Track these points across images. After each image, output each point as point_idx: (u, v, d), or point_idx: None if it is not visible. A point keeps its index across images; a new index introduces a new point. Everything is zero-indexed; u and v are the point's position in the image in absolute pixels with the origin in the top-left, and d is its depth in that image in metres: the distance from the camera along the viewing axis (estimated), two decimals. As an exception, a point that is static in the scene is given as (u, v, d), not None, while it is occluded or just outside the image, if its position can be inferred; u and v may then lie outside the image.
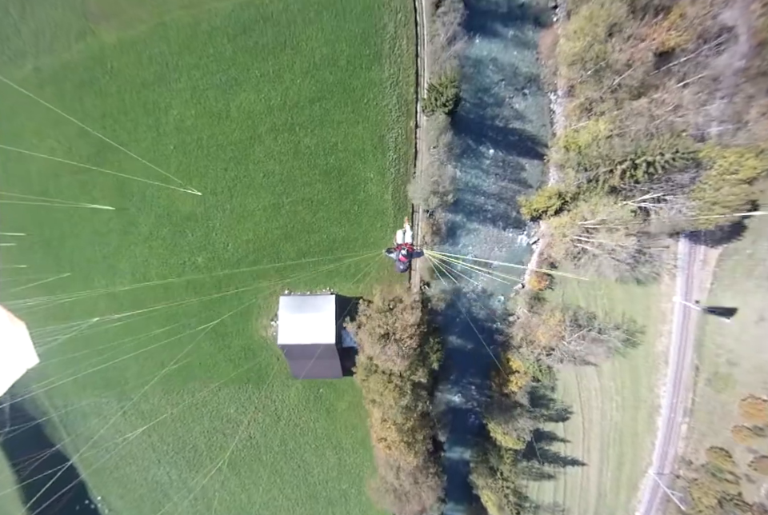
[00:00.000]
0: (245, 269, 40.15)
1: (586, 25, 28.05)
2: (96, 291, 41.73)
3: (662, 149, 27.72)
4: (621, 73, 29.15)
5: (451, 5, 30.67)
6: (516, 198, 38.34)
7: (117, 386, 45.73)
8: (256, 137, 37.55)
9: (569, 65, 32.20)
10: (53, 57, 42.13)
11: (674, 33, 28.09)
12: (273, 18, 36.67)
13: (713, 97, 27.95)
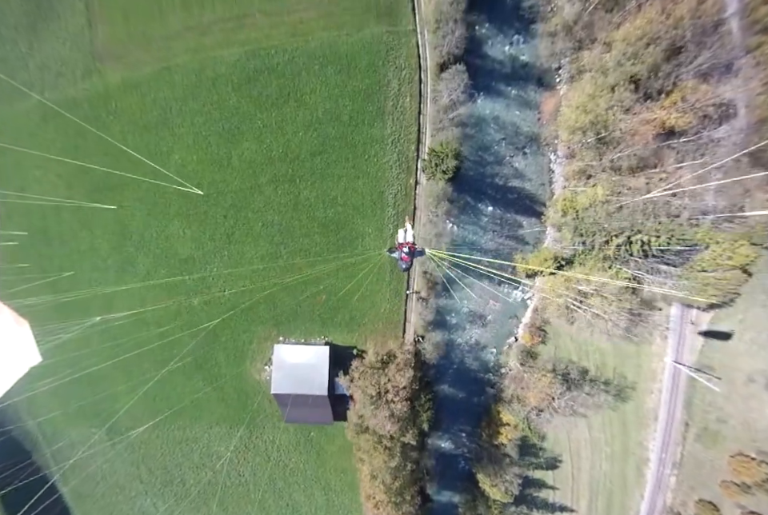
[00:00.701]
0: (240, 315, 40.56)
1: (588, 102, 28.36)
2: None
3: (657, 231, 28.08)
4: (620, 149, 29.49)
5: (456, 73, 30.91)
6: (512, 255, 38.77)
7: (108, 419, 45.98)
8: (256, 186, 37.79)
9: (569, 133, 32.53)
10: (58, 93, 42.17)
11: (674, 113, 28.45)
12: (278, 70, 36.90)
13: (709, 180, 28.26)
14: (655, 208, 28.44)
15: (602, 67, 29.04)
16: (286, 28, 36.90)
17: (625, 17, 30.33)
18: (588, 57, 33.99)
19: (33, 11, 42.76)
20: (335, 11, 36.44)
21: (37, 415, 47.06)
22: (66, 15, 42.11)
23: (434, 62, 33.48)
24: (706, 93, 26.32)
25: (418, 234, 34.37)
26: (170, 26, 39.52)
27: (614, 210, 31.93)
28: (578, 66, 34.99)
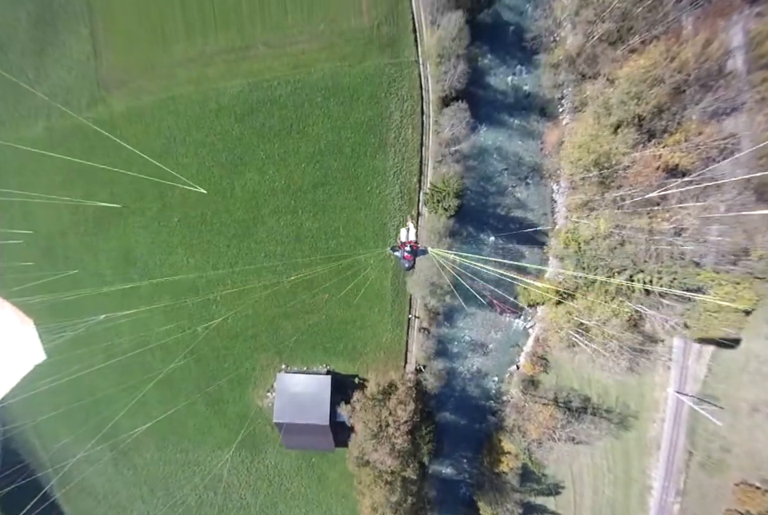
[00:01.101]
0: (243, 342, 40.80)
1: (590, 142, 28.24)
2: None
3: (659, 272, 27.94)
4: (623, 189, 29.35)
5: (457, 110, 30.87)
6: (514, 285, 38.71)
7: (110, 437, 46.37)
8: (259, 217, 37.94)
9: (572, 167, 32.41)
10: (64, 120, 42.60)
11: (678, 152, 28.27)
12: (280, 101, 37.01)
13: (713, 219, 28.08)
14: (658, 247, 28.33)
15: (605, 104, 28.93)
16: (288, 59, 37.06)
17: (628, 54, 30.23)
18: (591, 89, 34.00)
19: (39, 37, 43.12)
20: (337, 42, 36.52)
21: (42, 437, 47.86)
22: (71, 42, 42.54)
23: (436, 96, 33.49)
24: (711, 134, 26.14)
25: (419, 272, 34.37)
26: (173, 56, 39.80)
27: (616, 246, 31.86)
28: (581, 98, 34.89)
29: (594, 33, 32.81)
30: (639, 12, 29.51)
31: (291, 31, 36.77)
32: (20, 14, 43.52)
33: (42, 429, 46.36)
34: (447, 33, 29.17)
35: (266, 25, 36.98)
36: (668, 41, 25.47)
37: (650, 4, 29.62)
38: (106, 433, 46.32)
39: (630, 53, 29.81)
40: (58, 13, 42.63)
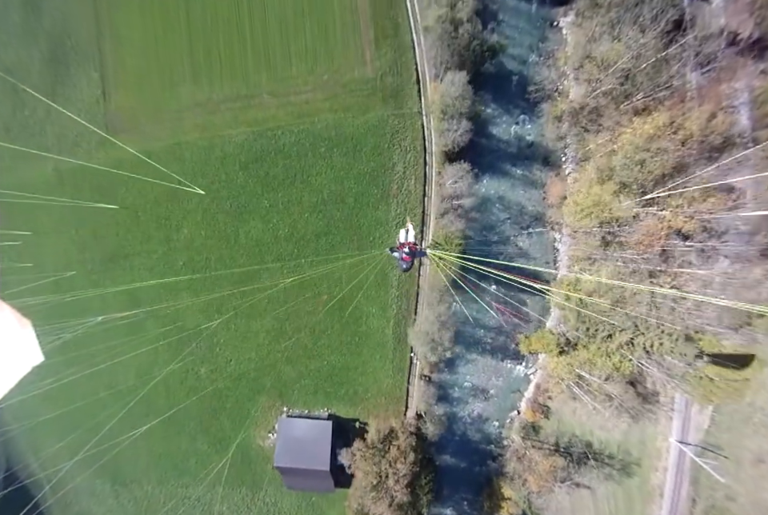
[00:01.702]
0: (246, 384, 41.20)
1: (593, 207, 28.21)
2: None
3: (660, 336, 27.80)
4: (626, 252, 29.28)
5: (460, 169, 30.97)
6: (515, 332, 38.66)
7: (114, 474, 46.98)
8: (263, 264, 38.26)
9: (574, 223, 32.36)
10: (73, 161, 43.36)
11: (681, 217, 28.13)
12: (284, 151, 37.38)
13: (716, 281, 27.90)
14: (659, 312, 28.19)
15: (606, 167, 28.86)
16: (292, 109, 37.43)
17: (632, 115, 30.12)
18: (594, 148, 33.92)
19: (51, 77, 43.95)
20: (341, 93, 36.83)
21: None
22: (81, 84, 43.34)
23: (439, 149, 33.63)
24: (715, 204, 25.97)
25: (420, 325, 34.54)
26: (180, 103, 40.36)
27: (617, 304, 31.75)
28: (583, 151, 34.88)
29: (597, 88, 32.87)
30: (642, 72, 29.53)
31: (296, 81, 37.18)
32: (33, 53, 44.51)
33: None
34: (450, 93, 29.30)
35: (271, 74, 37.39)
36: (672, 110, 25.33)
37: (654, 64, 29.68)
38: (105, 464, 47.57)
39: (634, 115, 29.77)
40: (69, 55, 43.48)
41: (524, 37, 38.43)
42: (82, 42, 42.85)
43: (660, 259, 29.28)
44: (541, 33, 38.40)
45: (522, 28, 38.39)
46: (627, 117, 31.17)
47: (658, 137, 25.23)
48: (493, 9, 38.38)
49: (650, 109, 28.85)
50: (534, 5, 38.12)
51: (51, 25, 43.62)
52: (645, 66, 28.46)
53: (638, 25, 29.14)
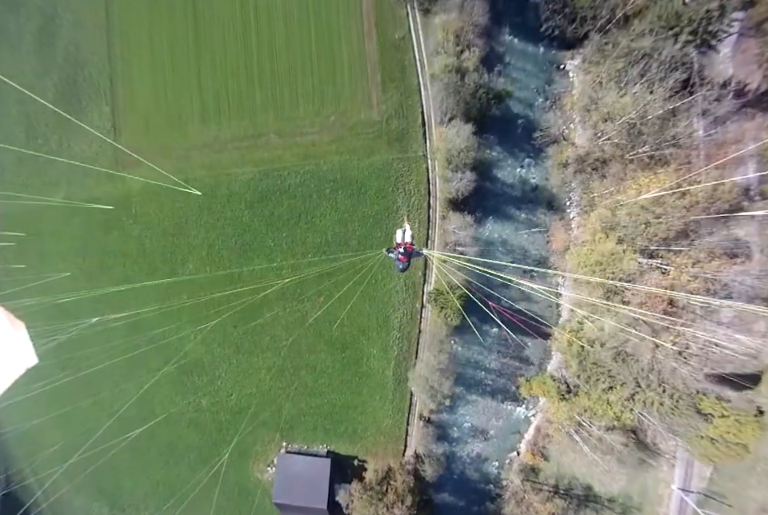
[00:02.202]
0: (246, 417, 41.46)
1: (596, 266, 28.07)
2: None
3: (661, 394, 27.53)
4: (629, 302, 29.08)
5: (464, 220, 31.04)
6: (517, 374, 38.52)
7: (112, 498, 47.38)
8: (265, 302, 38.52)
9: (578, 271, 32.21)
10: (83, 191, 44.12)
11: (686, 276, 27.87)
12: (289, 191, 37.70)
13: (720, 340, 27.58)
14: (661, 370, 27.93)
15: (611, 221, 28.71)
16: (298, 150, 37.74)
17: (637, 168, 29.94)
18: (598, 191, 33.78)
19: (64, 109, 44.59)
20: (347, 136, 37.06)
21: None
22: (93, 117, 44.01)
23: (443, 195, 33.71)
24: (720, 266, 25.72)
25: (421, 371, 34.57)
26: (188, 140, 40.84)
27: (618, 356, 31.50)
28: (588, 199, 34.73)
29: (603, 138, 32.73)
30: (649, 126, 29.35)
31: (302, 122, 37.53)
32: (47, 85, 45.28)
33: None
34: (455, 145, 29.39)
35: (278, 114, 37.75)
36: (678, 171, 25.14)
37: (661, 119, 29.47)
38: (105, 488, 47.99)
39: (640, 169, 29.60)
40: (82, 87, 44.14)
41: (530, 79, 38.44)
42: (95, 75, 43.57)
43: (663, 314, 29.09)
44: (547, 76, 38.37)
45: (528, 70, 38.40)
46: (633, 169, 31.10)
47: (663, 202, 25.10)
48: (500, 52, 38.42)
49: (656, 163, 28.73)
50: (541, 48, 38.14)
51: (64, 57, 44.40)
52: (651, 122, 28.32)
53: (646, 80, 29.10)
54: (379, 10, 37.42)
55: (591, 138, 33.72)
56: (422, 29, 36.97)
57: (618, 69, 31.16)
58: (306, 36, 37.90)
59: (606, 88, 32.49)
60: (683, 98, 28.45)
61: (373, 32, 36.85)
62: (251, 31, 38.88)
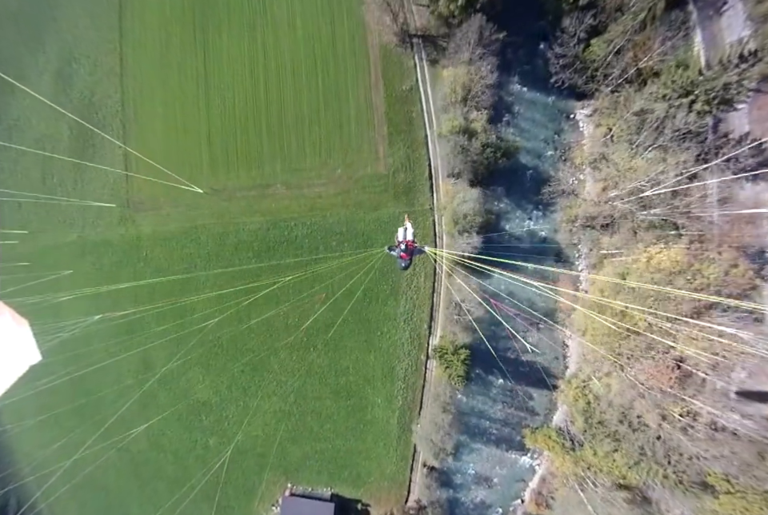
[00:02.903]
0: (252, 459, 42.27)
1: (601, 335, 27.79)
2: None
3: (665, 466, 27.19)
4: (635, 372, 28.74)
5: (468, 282, 31.00)
6: (522, 424, 38.42)
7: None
8: (273, 349, 39.20)
9: (584, 337, 31.91)
10: (96, 233, 45.34)
11: (693, 349, 27.38)
12: (296, 242, 38.04)
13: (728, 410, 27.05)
14: (667, 440, 27.57)
15: (619, 286, 28.35)
16: (305, 201, 38.03)
17: (645, 229, 29.41)
18: (607, 248, 33.31)
19: (79, 152, 45.78)
20: (353, 189, 37.15)
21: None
22: (106, 161, 44.82)
23: (449, 262, 33.64)
24: (732, 341, 25.21)
25: (427, 414, 34.78)
26: (197, 187, 41.44)
27: (624, 418, 31.18)
28: (598, 255, 34.27)
29: (612, 197, 32.18)
30: (659, 196, 28.75)
31: (309, 174, 37.74)
32: (62, 126, 46.36)
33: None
34: (461, 210, 29.27)
35: (286, 166, 38.04)
36: (690, 248, 24.58)
37: (674, 187, 28.84)
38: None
39: (648, 232, 29.07)
40: (96, 131, 45.19)
41: (540, 129, 37.86)
42: (109, 119, 44.58)
43: (671, 384, 28.67)
44: (557, 126, 37.75)
45: (537, 120, 37.83)
46: (645, 229, 30.55)
47: (671, 281, 24.63)
48: (508, 101, 37.96)
49: (668, 229, 28.16)
50: (551, 96, 37.53)
51: (80, 100, 45.44)
52: (663, 190, 27.75)
53: (659, 146, 28.47)
54: (386, 61, 37.35)
55: (600, 196, 33.27)
56: (430, 80, 36.78)
57: (630, 127, 30.63)
58: (313, 87, 38.05)
59: (617, 144, 32.03)
60: (697, 165, 27.87)
61: (380, 83, 36.82)
62: (260, 81, 39.20)
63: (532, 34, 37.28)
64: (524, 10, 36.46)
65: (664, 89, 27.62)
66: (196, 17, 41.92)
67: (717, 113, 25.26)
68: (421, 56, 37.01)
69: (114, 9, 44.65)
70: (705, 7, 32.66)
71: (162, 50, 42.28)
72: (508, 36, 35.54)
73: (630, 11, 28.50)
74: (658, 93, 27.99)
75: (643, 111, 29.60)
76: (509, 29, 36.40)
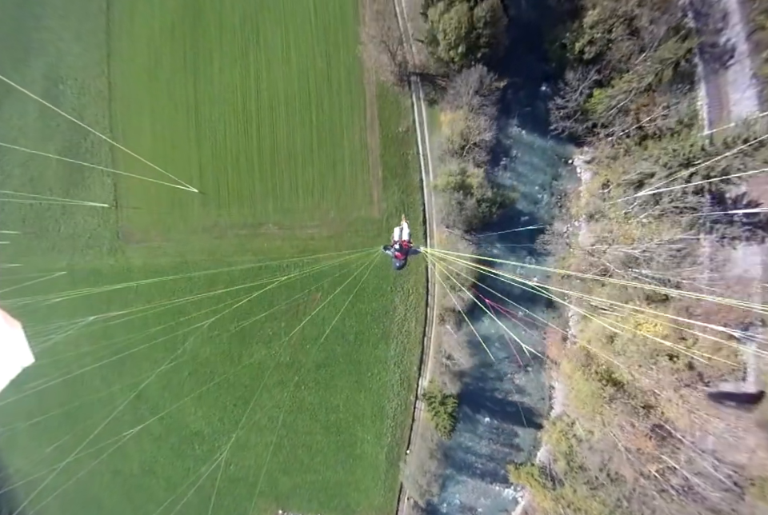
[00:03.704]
0: (243, 486, 43.39)
1: (585, 397, 28.39)
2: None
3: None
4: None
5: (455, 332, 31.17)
6: (506, 460, 39.61)
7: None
8: (264, 386, 39.51)
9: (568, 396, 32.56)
10: (85, 262, 44.67)
11: (673, 408, 28.10)
12: (289, 284, 36.90)
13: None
14: (642, 499, 28.67)
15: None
16: (297, 242, 37.60)
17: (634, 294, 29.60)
18: (599, 295, 33.57)
19: (67, 178, 44.63)
20: (346, 232, 36.71)
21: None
22: (95, 188, 43.82)
23: (439, 300, 33.73)
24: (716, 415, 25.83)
25: (415, 449, 35.76)
26: (188, 224, 40.59)
27: (605, 466, 32.31)
28: (587, 307, 34.51)
29: (605, 253, 32.19)
30: (651, 264, 28.77)
31: (301, 215, 37.16)
32: (49, 150, 44.66)
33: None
34: (452, 270, 29.19)
35: (278, 206, 37.41)
36: (675, 326, 24.79)
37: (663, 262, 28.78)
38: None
39: (640, 294, 29.28)
40: (84, 157, 43.68)
41: (537, 174, 37.25)
42: (96, 146, 43.24)
43: (648, 438, 29.63)
44: (555, 171, 37.18)
45: (535, 164, 37.20)
46: (632, 289, 30.78)
47: (656, 356, 25.03)
48: (506, 145, 37.22)
49: (657, 294, 28.42)
50: (549, 141, 36.86)
51: (67, 125, 43.75)
52: (657, 257, 27.80)
53: (656, 212, 28.25)
54: (383, 100, 36.20)
55: (593, 249, 33.27)
56: (428, 122, 35.82)
57: (628, 187, 30.34)
58: (307, 124, 36.93)
59: (613, 200, 31.81)
60: (690, 232, 27.86)
61: (376, 124, 35.82)
62: (252, 114, 37.90)
63: (534, 76, 36.34)
64: (527, 52, 35.36)
65: (665, 156, 27.25)
66: (187, 42, 40.13)
67: (715, 190, 25.06)
68: (419, 95, 35.94)
69: (101, 29, 42.39)
70: (711, 60, 31.87)
71: (152, 75, 40.51)
72: (509, 77, 34.67)
73: (636, 72, 27.77)
74: (658, 159, 27.65)
75: (642, 174, 29.30)
76: (510, 69, 35.40)
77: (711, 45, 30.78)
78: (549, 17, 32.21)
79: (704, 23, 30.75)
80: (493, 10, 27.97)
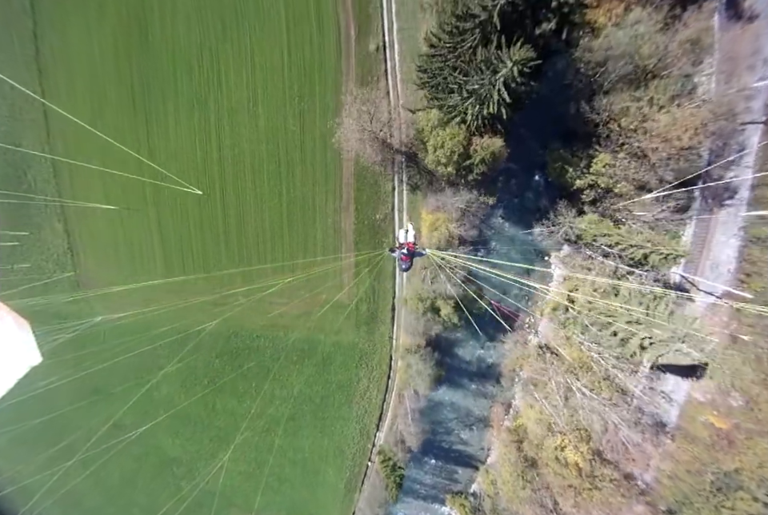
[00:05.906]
0: (221, 499, 49.36)
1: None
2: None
3: None
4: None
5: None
6: (445, 489, 46.61)
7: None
8: (238, 431, 42.59)
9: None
10: (47, 305, 42.74)
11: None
12: (259, 350, 38.98)
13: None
14: None
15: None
16: (267, 318, 37.30)
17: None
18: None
19: (14, 217, 40.40)
20: (315, 312, 36.50)
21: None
22: (46, 233, 40.65)
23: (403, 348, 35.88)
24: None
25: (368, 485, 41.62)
26: (152, 290, 38.25)
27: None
28: (527, 401, 37.77)
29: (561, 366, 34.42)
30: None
31: (271, 292, 36.32)
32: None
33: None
34: (417, 369, 30.83)
35: (247, 280, 36.18)
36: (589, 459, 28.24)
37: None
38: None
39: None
40: (30, 198, 39.07)
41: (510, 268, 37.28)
42: (40, 183, 38.48)
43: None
44: (529, 262, 37.23)
45: (511, 257, 36.94)
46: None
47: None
48: (487, 235, 36.17)
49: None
50: (530, 236, 36.11)
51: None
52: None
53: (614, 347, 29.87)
54: (361, 182, 33.27)
55: (552, 340, 35.39)
56: (408, 211, 33.91)
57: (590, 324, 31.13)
58: (276, 197, 34.06)
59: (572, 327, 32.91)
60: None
61: (351, 208, 33.48)
62: (215, 177, 34.23)
63: (530, 165, 33.93)
64: (530, 137, 32.38)
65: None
66: (134, 78, 33.91)
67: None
68: (401, 178, 33.06)
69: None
70: (709, 195, 30.40)
71: (95, 119, 34.68)
72: (505, 161, 32.44)
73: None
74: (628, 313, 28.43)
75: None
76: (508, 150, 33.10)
77: (716, 178, 29.40)
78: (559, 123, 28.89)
79: (718, 154, 28.76)
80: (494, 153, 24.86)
